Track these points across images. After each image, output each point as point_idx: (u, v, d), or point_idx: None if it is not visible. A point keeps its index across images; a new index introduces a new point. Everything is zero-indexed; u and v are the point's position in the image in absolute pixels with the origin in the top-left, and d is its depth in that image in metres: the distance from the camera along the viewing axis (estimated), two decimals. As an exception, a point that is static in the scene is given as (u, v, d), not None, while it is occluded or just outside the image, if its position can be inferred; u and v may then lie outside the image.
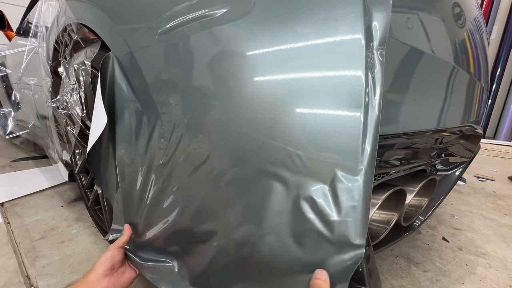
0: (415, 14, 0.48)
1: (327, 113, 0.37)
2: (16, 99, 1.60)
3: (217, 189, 0.49)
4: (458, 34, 0.59)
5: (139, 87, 0.55)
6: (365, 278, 0.41)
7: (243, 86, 0.41)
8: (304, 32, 0.38)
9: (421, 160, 0.66)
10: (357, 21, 0.36)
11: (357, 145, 0.37)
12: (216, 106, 0.44)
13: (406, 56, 0.46)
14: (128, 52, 0.56)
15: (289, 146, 0.39)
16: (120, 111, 0.61)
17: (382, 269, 0.84)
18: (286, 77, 0.39)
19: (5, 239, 0.96)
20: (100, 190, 0.86)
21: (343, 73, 0.37)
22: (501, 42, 3.17)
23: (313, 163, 0.38)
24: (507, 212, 1.32)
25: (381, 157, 0.51)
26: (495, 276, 0.84)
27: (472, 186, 1.69)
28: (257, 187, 0.43)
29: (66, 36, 0.84)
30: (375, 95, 0.37)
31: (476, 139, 0.77)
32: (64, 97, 0.90)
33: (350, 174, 0.37)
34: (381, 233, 0.68)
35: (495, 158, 2.65)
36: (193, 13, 0.45)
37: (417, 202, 0.82)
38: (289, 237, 0.43)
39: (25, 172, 1.60)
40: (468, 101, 0.65)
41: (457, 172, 0.87)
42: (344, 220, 0.38)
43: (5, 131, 1.76)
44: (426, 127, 0.54)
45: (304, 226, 0.41)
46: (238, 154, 0.44)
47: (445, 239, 1.04)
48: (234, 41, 0.42)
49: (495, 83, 3.19)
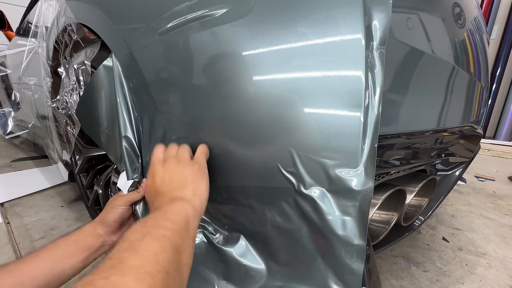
0: (415, 14, 0.48)
1: (327, 113, 0.37)
2: (16, 99, 1.60)
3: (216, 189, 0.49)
4: (458, 34, 0.59)
5: (139, 87, 0.55)
6: (365, 278, 0.41)
7: (243, 86, 0.41)
8: (304, 32, 0.38)
9: (421, 160, 0.66)
10: (357, 20, 0.36)
11: (357, 145, 0.37)
12: (216, 106, 0.44)
13: (406, 56, 0.46)
14: (128, 52, 0.56)
15: (289, 146, 0.39)
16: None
17: (382, 269, 0.84)
18: (286, 77, 0.39)
19: (5, 239, 0.95)
20: (100, 190, 0.86)
21: (343, 73, 0.37)
22: (501, 42, 3.17)
23: (313, 163, 0.38)
24: (507, 212, 1.32)
25: (381, 157, 0.51)
26: (495, 276, 0.84)
27: (472, 186, 1.68)
28: (257, 187, 0.43)
29: (66, 36, 0.84)
30: (375, 95, 0.37)
31: (476, 139, 0.77)
32: (64, 97, 0.90)
33: (350, 173, 0.37)
34: (381, 233, 0.68)
35: (495, 158, 2.65)
36: (193, 13, 0.45)
37: (417, 202, 0.82)
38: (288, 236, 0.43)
39: (25, 172, 1.60)
40: (468, 101, 0.65)
41: (457, 172, 0.87)
42: (344, 219, 0.38)
43: (5, 131, 1.75)
44: (426, 127, 0.54)
45: (304, 225, 0.41)
46: (238, 154, 0.44)
47: (445, 239, 1.03)
48: (234, 41, 0.42)
49: (495, 83, 3.19)
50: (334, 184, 0.38)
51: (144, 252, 0.28)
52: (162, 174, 0.43)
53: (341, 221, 0.38)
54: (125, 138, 0.56)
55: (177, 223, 0.34)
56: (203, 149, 0.45)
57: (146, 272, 0.26)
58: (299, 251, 0.42)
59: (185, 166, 0.42)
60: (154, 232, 0.31)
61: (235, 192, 0.46)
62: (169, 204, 0.38)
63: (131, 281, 0.24)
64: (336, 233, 0.38)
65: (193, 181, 0.41)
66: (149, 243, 0.29)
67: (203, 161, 0.43)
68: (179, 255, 0.30)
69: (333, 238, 0.39)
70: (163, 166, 0.44)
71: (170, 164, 0.43)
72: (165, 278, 0.26)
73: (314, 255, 0.41)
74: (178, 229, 0.33)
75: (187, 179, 0.41)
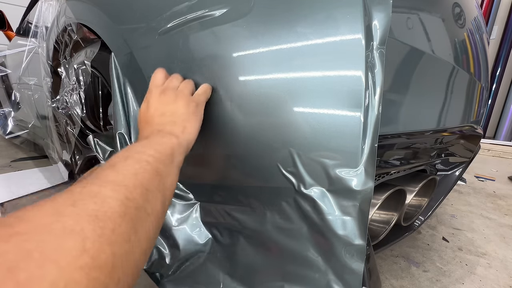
0: (415, 14, 0.48)
1: (327, 113, 0.37)
2: (16, 99, 1.60)
3: (215, 189, 0.49)
4: (458, 34, 0.59)
5: (139, 87, 0.55)
6: (365, 278, 0.41)
7: (243, 86, 0.41)
8: (304, 31, 0.38)
9: (421, 160, 0.66)
10: (357, 20, 0.36)
11: (357, 145, 0.37)
12: (216, 106, 0.44)
13: (406, 56, 0.46)
14: (128, 52, 0.56)
15: (289, 146, 0.39)
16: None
17: (382, 269, 0.84)
18: (286, 77, 0.39)
19: (5, 239, 0.95)
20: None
21: (343, 72, 0.37)
22: (501, 42, 3.17)
23: (313, 163, 0.38)
24: (507, 212, 1.32)
25: (381, 157, 0.51)
26: (495, 276, 0.84)
27: (472, 186, 1.68)
28: (257, 187, 0.44)
29: (66, 36, 0.84)
30: (375, 95, 0.37)
31: (476, 139, 0.77)
32: (64, 97, 0.90)
33: (350, 173, 0.37)
34: (381, 233, 0.68)
35: (495, 158, 2.65)
36: (193, 13, 0.45)
37: (417, 202, 0.82)
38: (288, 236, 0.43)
39: (25, 172, 1.60)
40: (468, 101, 0.65)
41: (457, 172, 0.87)
42: (344, 219, 0.38)
43: (5, 131, 1.75)
44: (426, 127, 0.54)
45: (304, 225, 0.41)
46: (238, 154, 0.44)
47: (445, 239, 1.03)
48: (234, 41, 0.42)
49: (495, 83, 3.19)
50: (334, 184, 0.38)
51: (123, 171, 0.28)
52: (157, 105, 0.42)
53: (341, 221, 0.38)
54: (120, 135, 0.56)
55: (161, 152, 0.33)
56: (205, 89, 0.43)
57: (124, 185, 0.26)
58: (299, 251, 0.42)
59: (181, 103, 0.41)
60: (136, 156, 0.31)
61: (236, 192, 0.47)
62: (156, 135, 0.37)
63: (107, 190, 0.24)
64: (336, 233, 0.38)
65: (185, 120, 0.40)
66: (130, 164, 0.29)
67: (201, 101, 0.42)
68: (162, 179, 0.30)
69: (333, 238, 0.39)
70: (159, 96, 0.42)
71: (167, 97, 0.42)
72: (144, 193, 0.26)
73: (314, 255, 0.41)
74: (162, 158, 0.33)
75: (179, 116, 0.40)
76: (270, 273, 0.46)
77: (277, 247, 0.45)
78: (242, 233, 0.48)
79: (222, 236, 0.52)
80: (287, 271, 0.44)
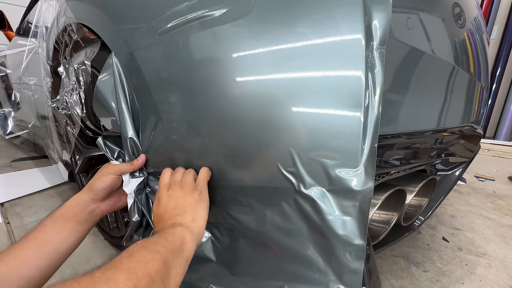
0: (415, 14, 0.48)
1: (327, 113, 0.38)
2: (16, 99, 1.60)
3: (215, 189, 0.49)
4: (458, 34, 0.59)
5: (139, 86, 0.55)
6: (365, 278, 0.41)
7: (243, 86, 0.41)
8: (304, 31, 0.38)
9: (421, 160, 0.66)
10: (357, 20, 0.36)
11: (357, 145, 0.37)
12: (216, 106, 0.44)
13: (406, 56, 0.46)
14: (128, 52, 0.56)
15: (289, 146, 0.39)
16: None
17: (382, 269, 0.84)
18: (286, 77, 0.39)
19: (5, 239, 0.95)
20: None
21: (343, 72, 0.37)
22: (501, 42, 3.17)
23: (313, 163, 0.38)
24: (507, 212, 1.32)
25: (381, 157, 0.51)
26: (495, 276, 0.84)
27: (472, 186, 1.68)
28: (257, 187, 0.44)
29: (66, 36, 0.84)
30: (375, 95, 0.37)
31: (476, 139, 0.77)
32: (64, 97, 0.90)
33: (350, 173, 0.37)
34: (381, 233, 0.68)
35: (495, 158, 2.65)
36: (193, 13, 0.45)
37: (417, 202, 0.82)
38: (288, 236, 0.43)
39: (25, 172, 1.60)
40: (468, 101, 0.65)
41: (457, 172, 0.87)
42: (344, 219, 0.38)
43: (5, 131, 1.75)
44: (426, 127, 0.54)
45: (304, 225, 0.41)
46: (239, 154, 0.44)
47: (445, 239, 1.03)
48: (234, 41, 0.42)
49: (495, 83, 3.19)
50: (334, 184, 0.38)
51: (137, 259, 0.33)
52: (166, 201, 0.46)
53: (341, 221, 0.38)
54: (130, 140, 0.56)
55: (171, 242, 0.38)
56: (205, 175, 0.47)
57: (135, 273, 0.31)
58: (299, 251, 0.42)
59: (187, 193, 0.45)
60: (150, 247, 0.36)
61: (236, 192, 0.47)
62: (169, 228, 0.42)
63: (122, 277, 0.30)
64: (336, 233, 0.38)
65: (193, 208, 0.45)
66: (143, 254, 0.34)
67: (204, 187, 0.47)
68: (168, 269, 0.35)
69: (333, 238, 0.39)
70: (167, 192, 0.47)
71: (174, 192, 0.47)
72: (148, 283, 0.31)
73: (314, 255, 0.41)
74: (172, 248, 0.37)
75: (187, 206, 0.45)
76: (270, 273, 0.46)
77: (277, 247, 0.45)
78: (242, 233, 0.48)
79: (222, 236, 0.52)
80: (287, 271, 0.44)
